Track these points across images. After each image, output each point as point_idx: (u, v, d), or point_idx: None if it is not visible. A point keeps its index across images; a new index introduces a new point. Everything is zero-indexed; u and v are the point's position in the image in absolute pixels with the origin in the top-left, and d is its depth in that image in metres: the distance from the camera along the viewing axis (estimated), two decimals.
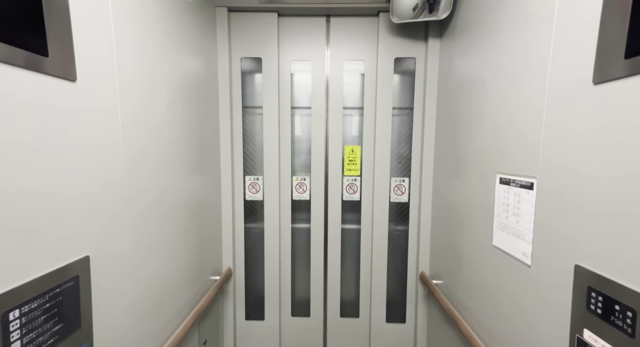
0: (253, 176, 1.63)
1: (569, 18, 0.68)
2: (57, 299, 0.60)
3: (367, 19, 1.53)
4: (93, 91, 0.69)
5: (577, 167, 0.65)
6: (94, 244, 0.70)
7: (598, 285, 0.60)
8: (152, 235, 0.94)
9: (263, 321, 1.67)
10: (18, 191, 0.53)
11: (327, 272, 1.66)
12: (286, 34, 1.56)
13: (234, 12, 1.50)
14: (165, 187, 1.00)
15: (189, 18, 1.17)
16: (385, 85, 1.54)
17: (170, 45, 1.03)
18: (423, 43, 1.51)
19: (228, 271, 1.57)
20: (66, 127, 0.62)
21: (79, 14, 0.65)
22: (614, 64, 0.57)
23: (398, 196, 1.62)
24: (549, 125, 0.73)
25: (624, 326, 0.55)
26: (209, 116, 1.40)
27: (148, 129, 0.90)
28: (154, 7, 0.93)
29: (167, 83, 1.02)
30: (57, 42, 0.59)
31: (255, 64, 1.59)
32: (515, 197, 0.86)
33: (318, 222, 1.64)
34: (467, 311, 1.14)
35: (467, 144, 1.16)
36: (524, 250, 0.82)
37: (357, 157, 1.61)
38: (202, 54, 1.31)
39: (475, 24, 1.12)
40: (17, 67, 0.52)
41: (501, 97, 0.93)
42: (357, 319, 1.69)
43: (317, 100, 1.58)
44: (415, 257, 1.62)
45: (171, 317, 1.07)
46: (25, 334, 0.54)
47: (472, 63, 1.13)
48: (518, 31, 0.86)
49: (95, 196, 0.70)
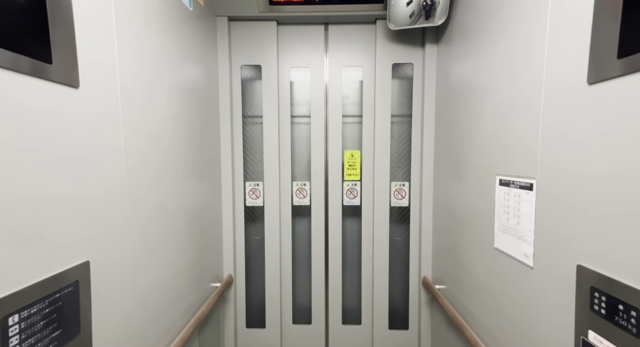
0: (253, 182, 1.63)
1: (562, 20, 0.70)
2: (57, 304, 0.60)
3: (365, 27, 1.56)
4: (96, 98, 0.70)
5: (575, 166, 0.66)
6: (94, 250, 0.70)
7: (601, 285, 0.59)
8: (153, 241, 0.94)
9: (264, 329, 1.65)
10: (20, 196, 0.53)
11: (329, 278, 1.65)
12: (285, 41, 1.58)
13: (234, 21, 1.53)
14: (166, 193, 1.01)
15: (191, 27, 1.20)
16: (384, 90, 1.56)
17: (172, 53, 1.05)
18: (420, 49, 1.54)
19: (229, 278, 1.55)
20: (68, 133, 0.63)
21: (82, 23, 0.66)
22: (608, 64, 0.58)
23: (398, 200, 1.62)
24: (547, 126, 0.74)
25: (628, 326, 0.54)
26: (210, 122, 1.41)
27: (149, 136, 0.91)
28: (156, 16, 0.95)
29: (169, 90, 1.03)
30: (61, 49, 0.61)
31: (256, 72, 1.62)
32: (515, 198, 0.86)
33: (319, 228, 1.64)
34: (471, 315, 1.13)
35: (466, 146, 1.17)
36: (525, 251, 0.82)
37: (357, 162, 1.62)
38: (203, 62, 1.33)
39: (470, 29, 1.14)
40: (22, 73, 0.54)
41: (498, 99, 0.94)
42: (360, 326, 1.66)
43: (316, 106, 1.60)
44: (417, 262, 1.60)
45: (172, 324, 1.06)
46: (24, 340, 0.53)
47: (469, 67, 1.15)
48: (512, 35, 0.88)
49: (96, 201, 0.70)
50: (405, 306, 1.64)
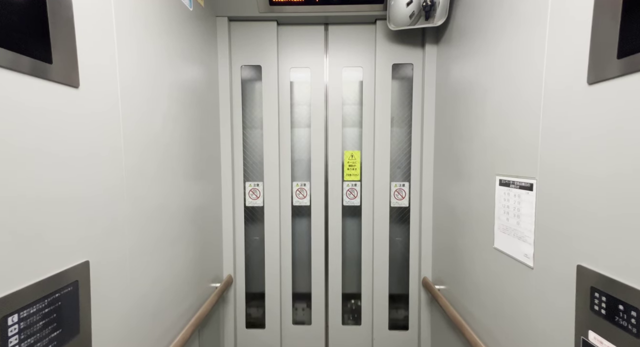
0: (253, 182, 1.63)
1: (562, 20, 0.70)
2: (56, 304, 0.60)
3: (365, 27, 1.56)
4: (96, 98, 0.70)
5: (575, 166, 0.66)
6: (94, 250, 0.70)
7: (601, 285, 0.59)
8: (153, 241, 0.93)
9: (264, 329, 1.65)
10: (19, 196, 0.53)
11: (328, 278, 1.65)
12: (285, 42, 1.58)
13: (234, 21, 1.53)
14: (166, 193, 1.01)
15: (191, 27, 1.20)
16: (384, 90, 1.56)
17: (172, 53, 1.05)
18: (420, 49, 1.54)
19: (228, 278, 1.55)
20: (68, 133, 0.63)
21: (82, 23, 0.66)
22: (608, 64, 0.58)
23: (398, 200, 1.62)
24: (547, 126, 0.74)
25: (629, 326, 0.54)
26: (210, 123, 1.41)
27: (149, 136, 0.91)
28: (156, 17, 0.95)
29: (169, 90, 1.03)
30: (61, 49, 0.61)
31: (256, 72, 1.62)
32: (515, 198, 0.86)
33: (318, 228, 1.64)
34: (471, 316, 1.13)
35: (466, 146, 1.17)
36: (525, 252, 0.82)
37: (357, 162, 1.62)
38: (203, 63, 1.33)
39: (470, 29, 1.14)
40: (23, 73, 0.54)
41: (498, 99, 0.94)
42: (359, 327, 1.66)
43: (316, 106, 1.60)
44: (417, 263, 1.60)
45: (171, 325, 1.06)
46: (23, 340, 0.53)
47: (469, 67, 1.15)
48: (512, 35, 0.88)
49: (95, 201, 0.70)
50: (405, 306, 1.64)
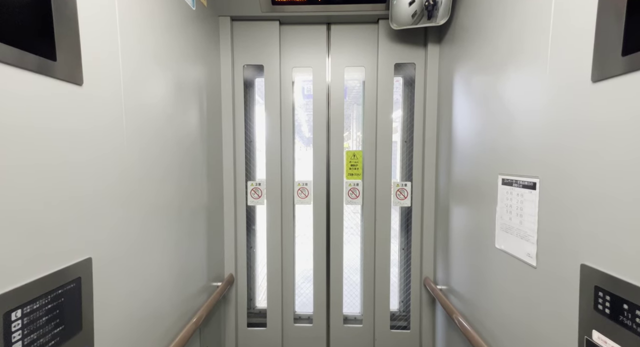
0: (255, 181, 1.64)
1: (565, 18, 0.69)
2: (59, 300, 0.60)
3: (367, 26, 1.56)
4: (99, 95, 0.71)
5: (579, 165, 0.65)
6: (97, 246, 0.70)
7: (605, 284, 0.59)
8: (155, 238, 0.94)
9: (265, 329, 1.65)
10: (22, 192, 0.54)
11: (330, 277, 1.65)
12: (288, 41, 1.59)
13: (237, 21, 1.54)
14: (167, 191, 1.01)
15: (193, 27, 1.20)
16: (386, 90, 1.56)
17: (175, 52, 1.05)
18: (422, 49, 1.54)
19: (230, 277, 1.55)
20: (72, 129, 0.63)
21: (86, 21, 0.67)
22: (612, 62, 0.57)
23: (400, 200, 1.61)
24: (549, 125, 0.73)
25: (633, 325, 0.54)
26: (212, 122, 1.41)
27: (152, 134, 0.92)
28: (159, 16, 0.96)
29: (172, 89, 1.03)
30: (65, 47, 0.61)
31: (258, 72, 1.62)
32: (518, 197, 0.86)
33: (320, 227, 1.64)
34: (473, 316, 1.12)
35: (468, 146, 1.16)
36: (528, 251, 0.81)
37: (359, 162, 1.62)
38: (206, 62, 1.34)
39: (473, 28, 1.14)
40: (27, 70, 0.54)
41: (500, 98, 0.94)
42: (361, 327, 1.66)
43: (318, 106, 1.60)
44: (419, 263, 1.60)
45: (173, 323, 1.06)
46: (26, 335, 0.54)
47: (471, 66, 1.14)
48: (515, 34, 0.87)
49: (98, 198, 0.71)
50: (406, 306, 1.64)
